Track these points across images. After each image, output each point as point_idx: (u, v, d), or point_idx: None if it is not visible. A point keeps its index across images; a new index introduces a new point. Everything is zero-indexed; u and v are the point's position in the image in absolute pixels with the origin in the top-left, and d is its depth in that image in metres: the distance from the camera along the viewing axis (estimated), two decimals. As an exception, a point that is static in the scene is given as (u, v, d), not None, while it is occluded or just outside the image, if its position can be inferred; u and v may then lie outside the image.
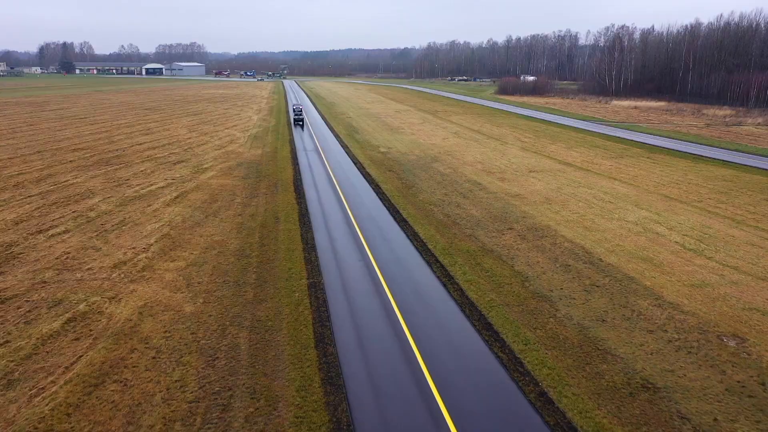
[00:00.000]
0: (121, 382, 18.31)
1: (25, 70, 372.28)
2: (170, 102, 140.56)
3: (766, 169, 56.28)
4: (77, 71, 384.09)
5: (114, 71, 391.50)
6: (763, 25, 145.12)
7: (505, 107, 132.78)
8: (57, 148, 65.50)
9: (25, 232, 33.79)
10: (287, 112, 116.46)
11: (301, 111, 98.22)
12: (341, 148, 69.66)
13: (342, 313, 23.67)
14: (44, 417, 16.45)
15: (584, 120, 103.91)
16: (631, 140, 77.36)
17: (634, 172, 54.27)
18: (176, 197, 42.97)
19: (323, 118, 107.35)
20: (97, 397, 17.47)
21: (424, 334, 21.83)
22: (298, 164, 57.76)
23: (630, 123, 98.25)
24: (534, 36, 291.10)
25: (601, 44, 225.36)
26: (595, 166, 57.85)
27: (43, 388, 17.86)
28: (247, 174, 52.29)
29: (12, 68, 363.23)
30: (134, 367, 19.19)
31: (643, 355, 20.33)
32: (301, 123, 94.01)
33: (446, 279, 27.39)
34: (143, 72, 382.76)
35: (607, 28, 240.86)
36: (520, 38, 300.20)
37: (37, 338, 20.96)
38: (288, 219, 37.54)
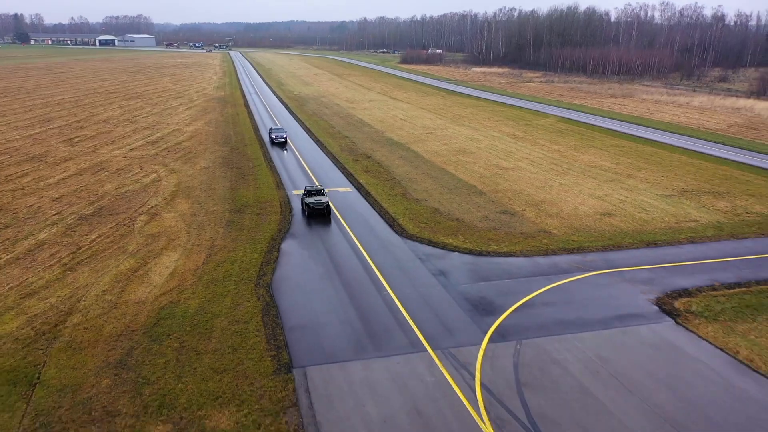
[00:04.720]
0: (203, 130, 66.73)
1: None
2: (145, 68, 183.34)
3: (486, 98, 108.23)
4: (32, 42, 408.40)
5: (69, 42, 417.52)
6: (573, 13, 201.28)
7: (394, 72, 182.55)
8: (99, 92, 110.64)
9: (127, 118, 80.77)
10: (236, 74, 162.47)
11: (322, 192, 40.88)
12: (271, 93, 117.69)
13: (264, 132, 72.75)
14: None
15: (436, 79, 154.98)
16: (445, 88, 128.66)
17: (421, 100, 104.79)
18: (187, 108, 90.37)
19: (262, 78, 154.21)
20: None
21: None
22: (246, 99, 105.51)
23: (461, 81, 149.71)
24: (443, 14, 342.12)
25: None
26: (407, 98, 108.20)
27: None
28: (219, 101, 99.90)
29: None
30: (202, 136, 67.55)
31: (343, 128, 70.11)
32: (325, 211, 38.98)
33: (303, 125, 76.77)
34: (97, 43, 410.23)
35: (500, 9, 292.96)
36: (433, 16, 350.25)
37: (168, 131, 68.99)
38: (243, 115, 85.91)
